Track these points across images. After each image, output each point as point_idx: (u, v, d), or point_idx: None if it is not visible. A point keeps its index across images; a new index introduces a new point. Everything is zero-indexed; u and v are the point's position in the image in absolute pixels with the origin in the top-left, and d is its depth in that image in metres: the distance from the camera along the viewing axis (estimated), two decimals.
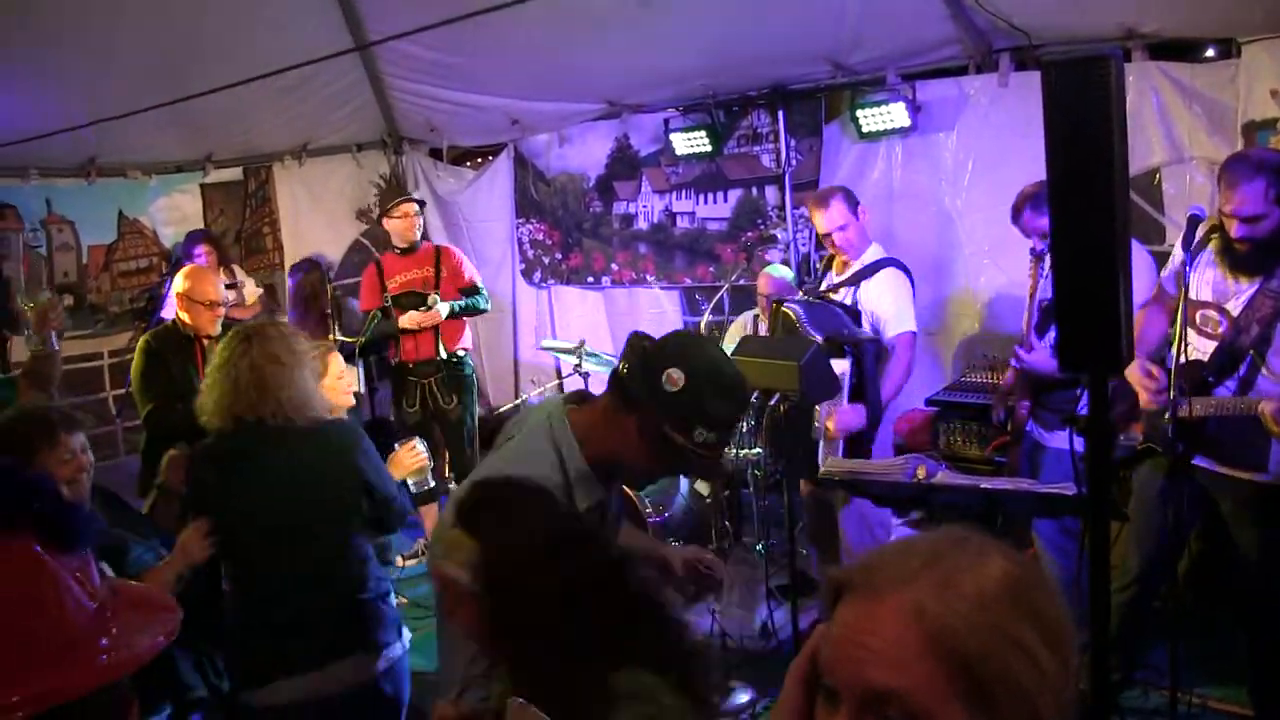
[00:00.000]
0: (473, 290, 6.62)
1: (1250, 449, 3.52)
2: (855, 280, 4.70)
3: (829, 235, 4.74)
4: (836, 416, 4.27)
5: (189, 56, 6.32)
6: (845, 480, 3.43)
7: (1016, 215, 4.40)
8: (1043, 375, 4.20)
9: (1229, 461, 3.60)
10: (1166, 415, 3.46)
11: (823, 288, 4.83)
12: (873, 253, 4.76)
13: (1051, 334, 4.06)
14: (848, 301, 4.66)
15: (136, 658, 1.20)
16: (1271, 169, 3.40)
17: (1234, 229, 3.46)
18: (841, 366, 4.24)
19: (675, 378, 2.18)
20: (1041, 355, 4.16)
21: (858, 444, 4.40)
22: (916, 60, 5.79)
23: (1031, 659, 1.01)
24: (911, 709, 1.01)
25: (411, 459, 3.70)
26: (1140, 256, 3.73)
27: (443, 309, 6.36)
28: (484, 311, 6.77)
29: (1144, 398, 3.70)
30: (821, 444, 4.30)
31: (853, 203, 4.79)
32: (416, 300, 6.44)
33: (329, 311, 6.71)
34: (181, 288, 4.86)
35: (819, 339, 4.09)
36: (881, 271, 4.68)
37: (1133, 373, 3.74)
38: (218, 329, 4.83)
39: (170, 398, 4.65)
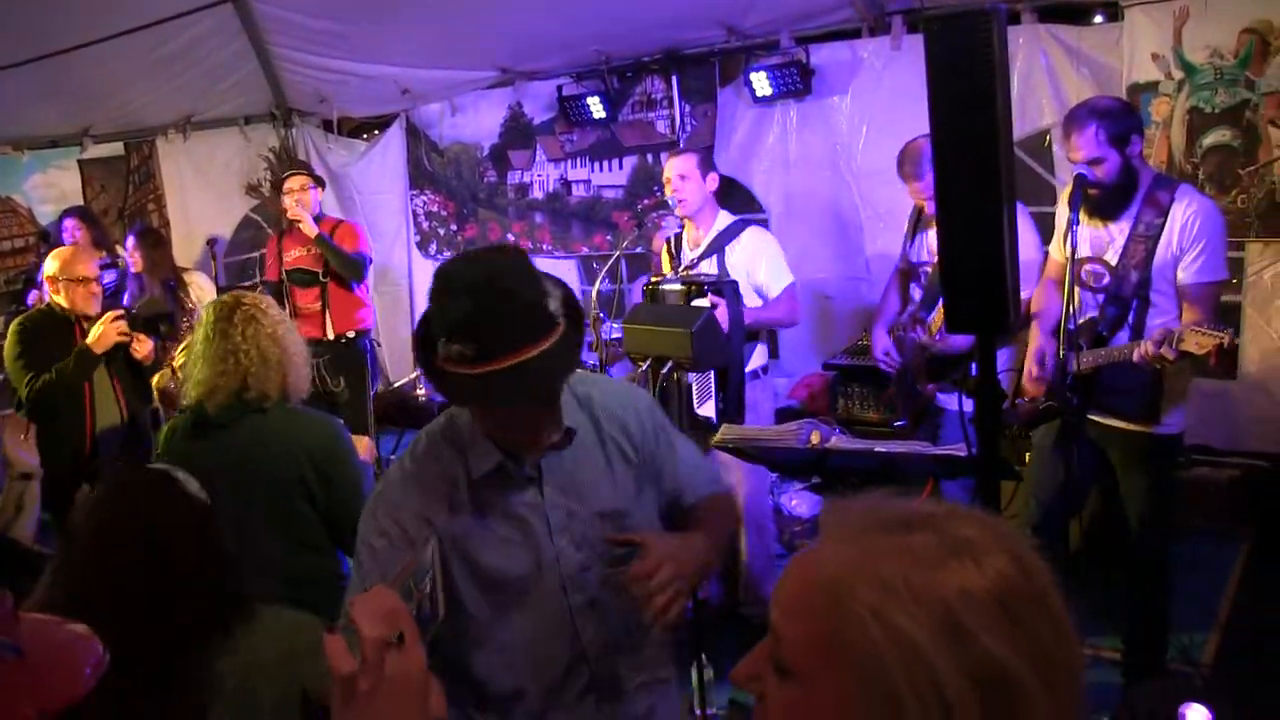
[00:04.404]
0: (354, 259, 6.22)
1: (1143, 401, 3.59)
2: (715, 248, 4.56)
3: (669, 181, 4.61)
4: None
5: (55, 19, 6.02)
6: (738, 447, 3.38)
7: (914, 169, 4.36)
8: (957, 353, 4.22)
9: (1123, 415, 3.67)
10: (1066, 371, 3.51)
11: (683, 268, 4.68)
12: (724, 218, 4.65)
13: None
14: (714, 271, 4.55)
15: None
16: (1101, 113, 3.49)
17: (1090, 174, 3.53)
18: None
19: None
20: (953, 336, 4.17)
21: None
22: (810, 23, 5.77)
23: (930, 679, 0.88)
24: (788, 659, 0.97)
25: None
26: (1022, 218, 3.75)
27: (308, 229, 6.03)
28: (355, 272, 6.20)
29: (1028, 388, 3.85)
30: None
31: (706, 164, 4.64)
32: (308, 278, 6.21)
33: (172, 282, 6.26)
34: (51, 270, 4.63)
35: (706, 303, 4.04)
36: (745, 233, 4.56)
37: (1030, 357, 3.87)
38: (97, 307, 4.64)
39: (50, 373, 4.48)
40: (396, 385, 7.81)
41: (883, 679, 0.89)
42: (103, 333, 4.51)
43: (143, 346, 4.71)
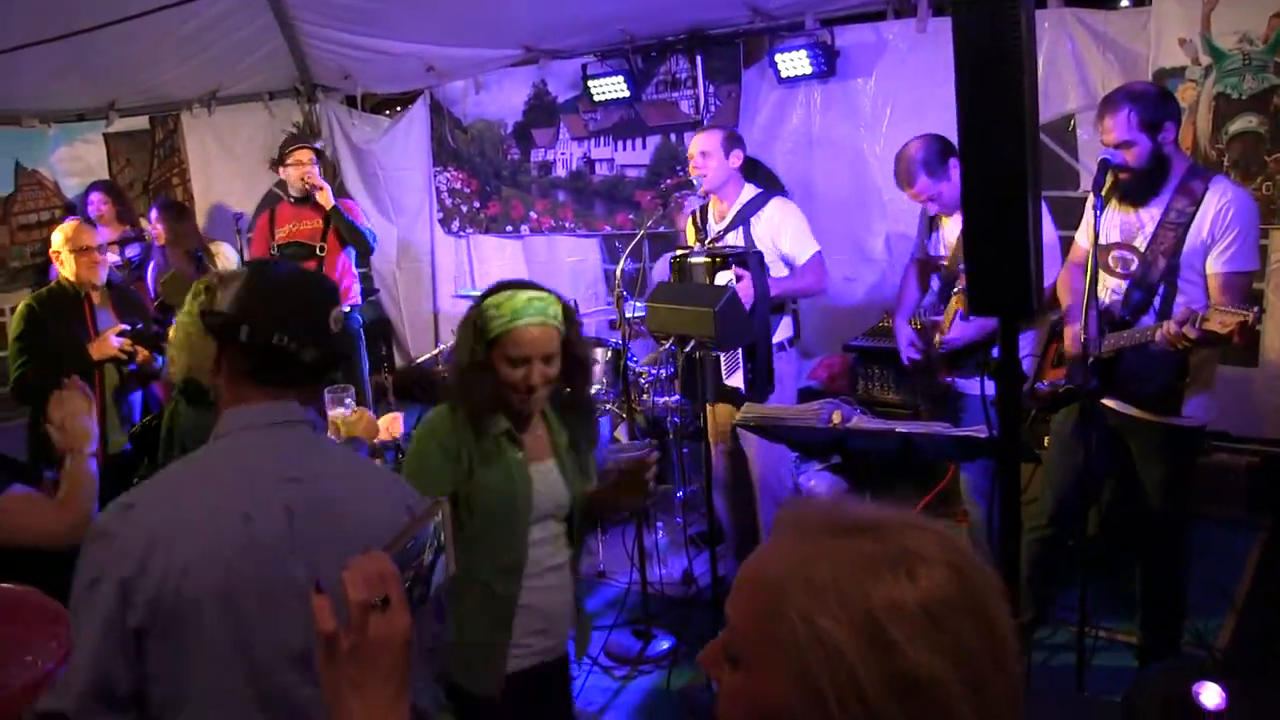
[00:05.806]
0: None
1: (1163, 391, 3.59)
2: (740, 220, 4.62)
3: (692, 157, 4.65)
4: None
5: None
6: (760, 426, 3.41)
7: (907, 175, 4.39)
8: (964, 345, 4.24)
9: (1142, 404, 3.66)
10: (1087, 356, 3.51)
11: (709, 240, 4.73)
12: (749, 191, 4.70)
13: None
14: (740, 244, 4.59)
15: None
16: (1135, 97, 3.48)
17: (1115, 158, 3.53)
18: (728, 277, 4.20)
19: None
20: (960, 329, 4.20)
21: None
22: (835, 5, 5.75)
23: (852, 683, 0.92)
24: (736, 649, 1.03)
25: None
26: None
27: (325, 199, 6.10)
28: (365, 244, 6.33)
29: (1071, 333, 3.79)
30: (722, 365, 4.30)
31: (731, 141, 4.67)
32: (304, 252, 6.22)
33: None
34: (57, 244, 4.64)
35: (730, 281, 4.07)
36: (770, 204, 4.63)
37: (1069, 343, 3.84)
38: (103, 276, 4.69)
39: (43, 364, 4.46)
40: (418, 360, 7.86)
41: (810, 679, 0.94)
42: (103, 342, 4.54)
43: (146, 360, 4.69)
